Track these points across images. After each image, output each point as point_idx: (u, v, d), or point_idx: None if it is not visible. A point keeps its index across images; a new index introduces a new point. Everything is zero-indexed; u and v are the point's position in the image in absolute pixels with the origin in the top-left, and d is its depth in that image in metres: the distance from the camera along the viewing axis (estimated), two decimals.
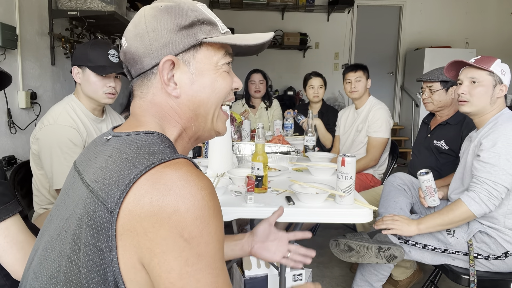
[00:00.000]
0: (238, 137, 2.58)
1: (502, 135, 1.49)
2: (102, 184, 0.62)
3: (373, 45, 6.28)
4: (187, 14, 0.70)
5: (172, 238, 0.57)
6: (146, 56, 0.70)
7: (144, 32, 0.70)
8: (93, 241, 0.60)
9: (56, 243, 0.67)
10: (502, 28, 6.12)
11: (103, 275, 0.60)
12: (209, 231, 0.60)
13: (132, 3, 3.66)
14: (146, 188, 0.59)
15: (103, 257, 0.60)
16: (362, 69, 2.66)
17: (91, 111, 1.69)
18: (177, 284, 0.58)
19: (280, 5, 5.76)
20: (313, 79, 3.09)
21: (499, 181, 1.47)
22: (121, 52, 0.75)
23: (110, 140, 0.72)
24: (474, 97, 1.59)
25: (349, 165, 1.33)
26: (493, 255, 1.56)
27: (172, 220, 0.57)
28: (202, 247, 0.59)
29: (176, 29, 0.70)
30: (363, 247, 1.60)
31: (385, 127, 2.55)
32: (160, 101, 0.72)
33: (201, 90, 0.73)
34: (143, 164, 0.61)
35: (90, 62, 1.59)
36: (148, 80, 0.72)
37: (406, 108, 6.18)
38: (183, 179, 0.60)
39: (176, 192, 0.58)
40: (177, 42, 0.70)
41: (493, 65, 1.58)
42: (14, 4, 2.17)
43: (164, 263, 0.58)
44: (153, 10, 0.71)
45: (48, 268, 0.67)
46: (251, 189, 1.32)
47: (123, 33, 0.75)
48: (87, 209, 0.62)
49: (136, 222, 0.58)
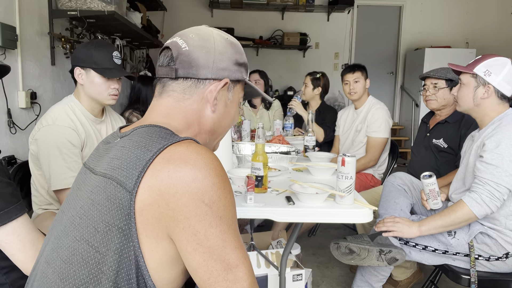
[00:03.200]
0: (238, 137, 2.58)
1: (506, 136, 1.48)
2: (120, 169, 0.68)
3: (373, 45, 6.27)
4: (242, 56, 0.86)
5: (194, 204, 0.64)
6: (205, 68, 0.80)
7: (211, 49, 0.80)
8: (112, 221, 0.66)
9: (71, 230, 0.72)
10: (502, 28, 6.12)
11: (121, 252, 0.65)
12: (226, 195, 0.67)
13: (132, 3, 3.66)
14: (163, 165, 0.65)
15: (123, 235, 0.65)
16: (360, 69, 2.65)
17: (90, 111, 1.69)
18: (204, 244, 0.64)
19: (280, 5, 5.75)
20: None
21: (502, 182, 1.46)
22: (173, 49, 0.81)
23: (120, 139, 0.78)
24: (459, 99, 1.67)
25: (349, 165, 1.33)
26: (494, 256, 1.56)
27: (191, 188, 0.64)
28: (222, 210, 0.66)
29: (234, 62, 0.83)
30: (364, 250, 1.60)
31: (385, 127, 2.55)
32: (194, 109, 0.81)
33: (227, 115, 0.86)
34: (156, 147, 0.68)
35: (95, 64, 1.59)
36: (196, 88, 0.80)
37: (406, 108, 6.18)
38: (195, 152, 0.67)
39: (191, 163, 0.65)
40: (232, 71, 0.83)
41: (478, 66, 1.58)
42: (14, 4, 2.17)
43: (189, 227, 0.64)
44: (220, 37, 0.84)
45: (62, 253, 0.71)
46: (251, 189, 1.32)
47: (181, 36, 0.82)
48: (106, 193, 0.68)
49: (157, 195, 0.64)
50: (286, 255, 1.51)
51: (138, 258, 0.66)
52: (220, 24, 5.89)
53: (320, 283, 2.35)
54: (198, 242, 0.64)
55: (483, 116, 1.62)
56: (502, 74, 1.55)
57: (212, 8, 5.86)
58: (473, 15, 6.14)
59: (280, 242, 2.12)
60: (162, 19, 5.42)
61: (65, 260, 0.70)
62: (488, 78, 1.56)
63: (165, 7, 5.05)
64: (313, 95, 3.12)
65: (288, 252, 1.52)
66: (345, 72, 2.69)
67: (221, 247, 0.65)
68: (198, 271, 0.65)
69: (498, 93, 1.57)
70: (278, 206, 1.31)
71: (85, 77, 1.62)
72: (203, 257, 0.64)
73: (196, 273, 0.66)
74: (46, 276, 0.72)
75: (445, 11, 6.13)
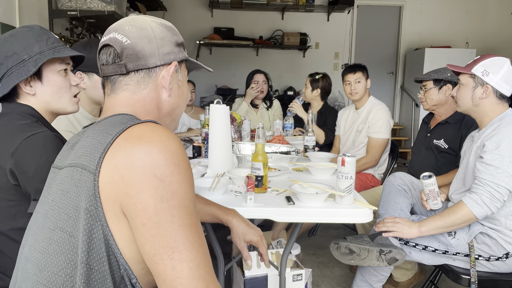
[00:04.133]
0: (238, 137, 2.57)
1: (506, 137, 1.48)
2: (84, 156, 0.71)
3: (373, 45, 6.27)
4: (179, 36, 0.88)
5: (147, 178, 0.64)
6: (152, 57, 0.81)
7: (152, 37, 0.82)
8: (80, 203, 0.68)
9: (45, 223, 0.74)
10: (502, 28, 6.11)
11: (90, 232, 0.67)
12: (180, 171, 0.67)
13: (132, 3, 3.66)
14: (121, 144, 0.68)
15: (90, 215, 0.67)
16: (362, 69, 2.64)
17: (90, 112, 1.70)
18: (152, 219, 0.64)
19: (280, 5, 5.75)
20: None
21: (502, 183, 1.46)
22: (117, 47, 0.81)
23: (84, 132, 0.81)
24: (458, 99, 1.68)
25: (349, 165, 1.33)
26: (494, 256, 1.56)
27: (145, 163, 0.65)
28: (175, 186, 0.65)
29: (175, 44, 0.86)
30: (364, 250, 1.60)
31: (386, 127, 2.54)
32: (151, 97, 0.83)
33: (181, 95, 0.90)
34: (116, 130, 0.71)
35: (98, 69, 1.59)
36: (150, 77, 0.83)
37: (406, 108, 6.18)
38: (151, 130, 0.70)
39: (146, 140, 0.67)
40: (176, 53, 0.86)
41: (476, 67, 1.58)
42: (14, 4, 2.17)
43: (140, 202, 0.64)
44: (154, 23, 0.85)
45: (38, 246, 0.73)
46: (251, 189, 1.32)
47: (117, 29, 0.83)
48: (74, 180, 0.71)
49: (114, 172, 0.66)
50: (286, 255, 1.51)
51: (108, 237, 0.67)
52: (220, 24, 5.89)
53: (320, 283, 2.35)
54: (147, 217, 0.64)
55: (483, 116, 1.62)
56: (500, 74, 1.55)
57: (212, 8, 5.86)
58: (473, 15, 6.14)
59: (280, 242, 2.12)
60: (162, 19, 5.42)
61: (42, 251, 0.71)
62: (486, 78, 1.56)
63: (165, 7, 5.06)
64: (313, 97, 3.11)
65: (288, 252, 1.52)
66: (346, 72, 2.68)
67: (169, 223, 0.64)
68: (144, 247, 0.65)
69: (496, 93, 1.57)
70: (278, 206, 1.32)
71: (88, 81, 1.62)
72: (150, 233, 0.64)
73: (143, 249, 0.65)
74: (27, 271, 0.73)
75: (445, 11, 6.13)
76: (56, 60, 1.19)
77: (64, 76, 1.22)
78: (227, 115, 1.71)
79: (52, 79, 1.19)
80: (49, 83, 1.19)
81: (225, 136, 1.70)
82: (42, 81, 1.17)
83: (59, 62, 1.20)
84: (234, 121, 2.56)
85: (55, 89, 1.20)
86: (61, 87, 1.21)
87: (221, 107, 1.71)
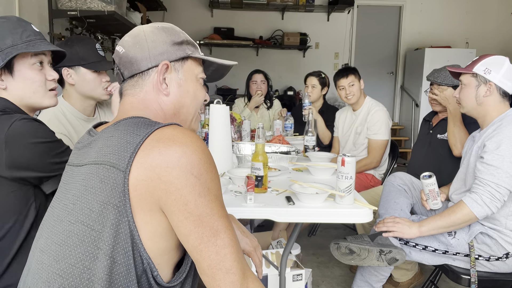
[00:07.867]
0: (238, 137, 2.57)
1: (506, 137, 1.48)
2: (111, 154, 0.73)
3: (373, 45, 6.27)
4: (179, 35, 0.89)
5: (184, 176, 0.70)
6: (144, 60, 0.85)
7: (143, 42, 0.85)
8: (107, 199, 0.71)
9: (64, 216, 0.76)
10: (502, 28, 6.11)
11: (117, 227, 0.70)
12: (211, 169, 0.74)
13: (132, 3, 3.66)
14: (153, 144, 0.72)
15: (118, 211, 0.70)
16: (353, 72, 2.63)
17: (82, 111, 1.66)
18: (194, 212, 0.71)
19: (280, 5, 5.75)
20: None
21: (502, 183, 1.46)
22: (115, 57, 0.89)
23: (102, 131, 0.82)
24: (461, 100, 1.67)
25: (349, 165, 1.33)
26: (494, 256, 1.56)
27: (181, 162, 0.70)
28: (209, 182, 0.73)
29: (171, 43, 0.87)
30: (365, 250, 1.60)
31: (385, 128, 2.54)
32: (150, 98, 0.86)
33: (185, 94, 0.89)
34: (145, 131, 0.74)
35: (83, 61, 1.56)
36: (143, 80, 0.86)
37: (406, 108, 6.18)
38: (182, 132, 0.74)
39: (179, 141, 0.72)
40: (171, 52, 0.86)
41: (476, 66, 1.59)
42: (14, 4, 2.17)
43: (180, 198, 0.70)
44: (151, 28, 0.88)
45: (56, 238, 0.75)
46: (251, 189, 1.32)
47: (119, 43, 0.89)
48: (99, 176, 0.73)
49: (149, 171, 0.70)
50: (286, 255, 1.51)
51: (133, 232, 0.71)
52: (220, 24, 5.89)
53: (320, 283, 2.35)
54: (189, 211, 0.70)
55: (485, 115, 1.62)
56: (502, 71, 1.56)
57: (212, 8, 5.86)
58: (473, 15, 6.14)
59: (280, 242, 2.12)
60: (162, 19, 5.42)
61: (60, 243, 0.74)
62: (488, 76, 1.56)
63: (165, 7, 5.05)
64: (320, 95, 3.12)
65: (288, 252, 1.52)
66: (338, 77, 2.65)
67: (210, 215, 0.72)
68: (189, 238, 0.72)
69: (500, 90, 1.58)
70: (278, 206, 1.31)
71: (75, 76, 1.58)
72: (194, 224, 0.71)
73: (188, 240, 0.72)
74: (42, 263, 0.76)
75: (445, 11, 6.13)
76: (29, 53, 1.12)
77: (39, 70, 1.16)
78: (227, 115, 1.71)
79: (24, 73, 1.13)
80: (21, 77, 1.13)
81: (225, 136, 1.70)
82: (13, 75, 1.12)
83: (32, 55, 1.14)
84: (234, 121, 2.56)
85: (28, 83, 1.14)
86: (34, 81, 1.15)
87: (221, 107, 1.71)
